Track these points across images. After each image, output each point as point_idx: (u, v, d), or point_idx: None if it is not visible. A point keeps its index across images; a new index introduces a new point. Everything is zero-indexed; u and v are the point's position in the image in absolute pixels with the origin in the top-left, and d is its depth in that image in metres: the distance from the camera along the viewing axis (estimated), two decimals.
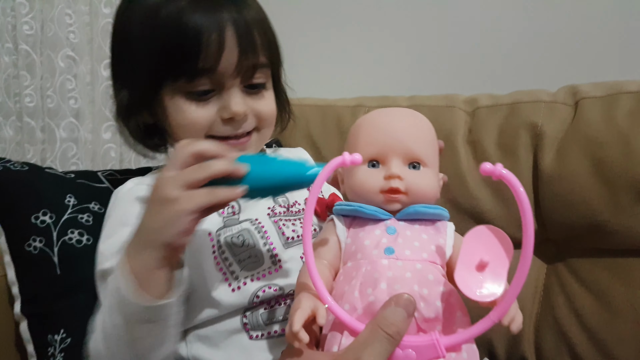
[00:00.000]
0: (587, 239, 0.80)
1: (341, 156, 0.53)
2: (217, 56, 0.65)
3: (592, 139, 0.79)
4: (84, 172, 0.84)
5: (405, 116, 0.63)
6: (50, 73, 1.17)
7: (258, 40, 0.69)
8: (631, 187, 0.75)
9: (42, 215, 0.72)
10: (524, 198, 0.47)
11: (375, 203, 0.57)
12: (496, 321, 0.47)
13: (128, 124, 0.73)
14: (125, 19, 0.72)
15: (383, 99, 1.01)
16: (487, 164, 0.49)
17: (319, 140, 1.02)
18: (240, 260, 0.66)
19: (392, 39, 1.21)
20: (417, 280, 0.51)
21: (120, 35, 0.73)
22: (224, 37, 0.65)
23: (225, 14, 0.66)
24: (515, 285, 0.46)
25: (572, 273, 0.81)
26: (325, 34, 1.29)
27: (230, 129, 0.70)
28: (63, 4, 1.17)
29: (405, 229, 0.56)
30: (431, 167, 0.59)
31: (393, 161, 0.57)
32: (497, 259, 0.48)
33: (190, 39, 0.64)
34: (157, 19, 0.66)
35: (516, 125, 0.86)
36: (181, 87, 0.67)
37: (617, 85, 0.82)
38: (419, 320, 0.50)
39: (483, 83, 1.03)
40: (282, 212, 0.72)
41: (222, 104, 0.69)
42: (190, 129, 0.69)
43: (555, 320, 0.81)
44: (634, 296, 0.75)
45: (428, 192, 0.58)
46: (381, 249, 0.54)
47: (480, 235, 0.50)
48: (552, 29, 1.06)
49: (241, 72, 0.68)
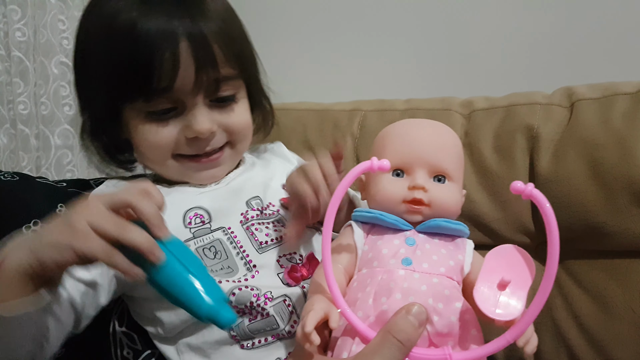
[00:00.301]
0: (584, 241, 0.80)
1: (369, 161, 0.53)
2: (172, 75, 0.61)
3: (588, 141, 0.79)
4: (77, 181, 0.84)
5: (434, 128, 0.62)
6: (43, 80, 1.16)
7: (219, 52, 0.64)
8: (628, 188, 0.75)
9: (33, 226, 0.71)
10: (552, 220, 0.47)
11: (396, 212, 0.57)
12: (511, 341, 0.47)
13: (94, 145, 0.71)
14: (84, 31, 0.68)
15: (380, 103, 1.01)
16: (519, 182, 0.48)
17: (316, 145, 1.01)
18: (212, 271, 0.64)
19: (389, 42, 1.21)
20: (433, 294, 0.51)
21: (79, 49, 0.69)
22: (178, 53, 0.61)
23: (179, 28, 0.61)
24: (534, 307, 0.46)
25: (570, 275, 0.81)
26: (321, 38, 1.28)
27: (196, 148, 0.68)
28: (56, 10, 1.16)
29: (424, 242, 0.55)
30: (456, 182, 0.58)
31: (418, 172, 0.57)
32: (518, 279, 0.48)
33: (143, 58, 0.60)
34: (110, 33, 0.62)
35: (512, 127, 0.86)
36: (140, 107, 0.64)
37: (613, 86, 0.82)
38: (432, 334, 0.49)
39: (479, 85, 1.03)
40: (256, 216, 0.70)
41: (185, 122, 0.66)
42: (154, 151, 0.68)
43: (553, 323, 0.81)
44: (632, 298, 0.75)
45: (451, 207, 0.57)
46: (399, 259, 0.53)
47: (503, 253, 0.50)
48: (547, 31, 1.06)
49: (202, 88, 0.64)
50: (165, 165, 0.70)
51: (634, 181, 0.74)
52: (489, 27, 1.11)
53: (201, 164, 0.70)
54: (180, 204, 0.68)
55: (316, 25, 1.29)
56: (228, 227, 0.68)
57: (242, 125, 0.72)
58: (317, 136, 1.01)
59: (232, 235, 0.67)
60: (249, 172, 0.78)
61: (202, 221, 0.68)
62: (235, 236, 0.67)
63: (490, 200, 0.85)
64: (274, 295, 0.62)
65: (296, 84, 1.28)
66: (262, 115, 0.80)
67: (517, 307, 0.47)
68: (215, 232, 0.67)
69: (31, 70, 1.14)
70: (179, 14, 0.62)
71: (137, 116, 0.66)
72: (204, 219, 0.68)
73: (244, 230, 0.68)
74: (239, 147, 0.73)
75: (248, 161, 0.82)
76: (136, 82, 0.62)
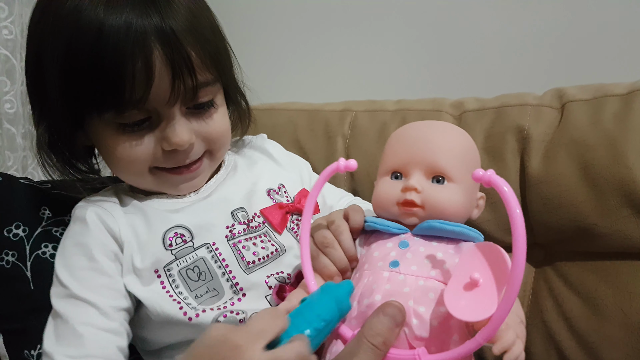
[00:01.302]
0: (575, 243, 0.80)
1: (336, 162, 0.54)
2: (147, 85, 0.56)
3: (578, 142, 0.79)
4: (62, 182, 0.80)
5: (435, 128, 0.60)
6: None
7: (194, 56, 0.59)
8: (618, 190, 0.75)
9: (15, 229, 0.69)
10: (514, 205, 0.45)
11: (392, 215, 0.56)
12: (482, 343, 0.44)
13: (50, 159, 0.66)
14: (39, 33, 0.60)
15: (371, 103, 1.01)
16: (480, 170, 0.47)
17: (306, 146, 1.00)
18: (198, 296, 0.62)
19: (380, 43, 1.21)
20: (415, 296, 0.49)
21: (33, 55, 0.62)
22: (152, 61, 0.55)
23: (149, 27, 0.55)
24: (504, 305, 0.43)
25: (560, 277, 0.81)
26: (312, 39, 1.28)
27: (175, 161, 0.64)
28: None
29: (419, 245, 0.54)
30: (459, 183, 0.55)
31: (414, 173, 0.55)
32: (492, 278, 0.45)
33: (112, 67, 0.54)
34: (72, 36, 0.55)
35: (503, 129, 0.85)
36: (110, 119, 0.59)
37: (604, 88, 0.82)
38: (410, 337, 0.48)
39: (469, 86, 1.03)
40: (242, 231, 0.67)
41: (162, 134, 0.61)
42: (129, 166, 0.63)
43: (544, 324, 0.81)
44: (622, 299, 0.75)
45: (448, 208, 0.55)
46: (387, 262, 0.53)
47: (480, 252, 0.48)
48: (538, 32, 1.06)
49: (178, 97, 0.59)
50: (141, 178, 0.66)
51: (625, 182, 0.74)
52: (480, 28, 1.11)
53: (180, 176, 0.67)
54: (158, 225, 0.65)
55: (307, 26, 1.28)
56: (212, 242, 0.65)
57: (222, 133, 0.68)
58: (307, 136, 1.01)
59: (217, 252, 0.64)
60: (231, 178, 0.75)
61: (184, 240, 0.64)
62: (220, 254, 0.64)
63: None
64: None
65: (287, 84, 1.27)
66: (238, 113, 0.76)
67: (488, 307, 0.44)
68: (199, 249, 0.64)
69: (18, 68, 1.13)
70: (147, 12, 0.56)
71: (106, 128, 0.61)
72: (185, 238, 0.65)
73: (230, 247, 0.65)
74: (217, 155, 0.70)
75: (229, 163, 0.78)
76: (106, 93, 0.56)
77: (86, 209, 0.66)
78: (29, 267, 0.69)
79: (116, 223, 0.65)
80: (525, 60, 1.07)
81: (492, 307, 0.44)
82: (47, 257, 0.70)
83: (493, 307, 0.44)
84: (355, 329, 0.49)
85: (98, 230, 0.64)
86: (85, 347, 0.56)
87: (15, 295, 0.69)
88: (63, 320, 0.59)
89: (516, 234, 0.44)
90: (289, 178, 0.78)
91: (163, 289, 0.62)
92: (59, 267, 0.63)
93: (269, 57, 1.29)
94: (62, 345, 0.57)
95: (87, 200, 0.69)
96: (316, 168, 0.96)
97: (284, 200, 0.74)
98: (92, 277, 0.61)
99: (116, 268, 0.63)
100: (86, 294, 0.60)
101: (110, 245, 0.64)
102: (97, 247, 0.63)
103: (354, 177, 0.95)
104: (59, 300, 0.61)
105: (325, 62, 1.27)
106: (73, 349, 0.56)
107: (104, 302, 0.60)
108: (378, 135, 0.95)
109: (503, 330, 0.45)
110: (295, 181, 0.79)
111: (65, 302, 0.60)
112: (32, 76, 0.64)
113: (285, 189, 0.76)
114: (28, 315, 0.68)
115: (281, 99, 1.10)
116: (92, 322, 0.58)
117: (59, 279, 0.62)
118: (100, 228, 0.64)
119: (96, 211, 0.65)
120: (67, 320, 0.58)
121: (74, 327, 0.57)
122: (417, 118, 0.93)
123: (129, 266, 0.63)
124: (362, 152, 0.95)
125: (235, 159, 0.79)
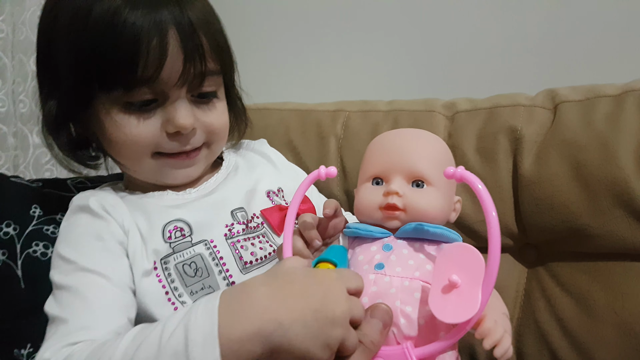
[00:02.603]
0: (567, 243, 0.80)
1: (317, 170, 0.57)
2: (159, 64, 0.58)
3: (571, 143, 0.79)
4: (53, 181, 0.81)
5: (413, 135, 0.62)
6: (22, 77, 1.14)
7: (206, 44, 0.62)
8: (610, 190, 0.75)
9: (6, 227, 0.69)
10: (487, 199, 0.48)
11: (375, 219, 0.57)
12: (467, 329, 0.47)
13: (57, 137, 0.67)
14: (52, 17, 0.63)
15: (363, 104, 1.01)
16: (451, 168, 0.51)
17: (299, 146, 1.00)
18: (193, 292, 0.61)
19: (373, 43, 1.21)
20: (401, 297, 0.50)
21: (46, 36, 0.64)
22: (166, 41, 0.58)
23: (166, 14, 0.58)
24: (485, 288, 0.46)
25: (553, 277, 0.81)
26: (305, 39, 1.28)
27: (177, 145, 0.65)
28: (35, 6, 1.13)
29: (402, 247, 0.55)
30: (437, 187, 0.57)
31: (395, 178, 0.57)
32: (469, 279, 0.47)
33: (127, 44, 0.57)
34: (88, 18, 0.58)
35: (495, 129, 0.85)
36: (117, 97, 0.61)
37: (596, 88, 0.82)
38: (398, 336, 0.50)
39: (462, 87, 1.03)
40: (241, 230, 0.68)
41: (167, 116, 0.63)
42: (132, 147, 0.63)
43: (536, 325, 0.81)
44: (614, 300, 0.75)
45: (429, 212, 0.56)
46: (372, 265, 0.54)
47: (451, 254, 0.49)
48: (530, 33, 1.06)
49: (187, 80, 0.61)
50: (141, 162, 0.66)
51: (617, 183, 0.74)
52: (472, 28, 1.11)
53: (179, 161, 0.67)
54: (158, 218, 0.65)
55: (300, 26, 1.28)
56: (210, 239, 0.65)
57: (222, 126, 0.70)
58: (300, 137, 1.00)
59: (215, 250, 0.65)
60: (232, 178, 0.75)
61: (183, 234, 0.65)
62: (218, 251, 0.64)
63: (473, 202, 0.84)
64: None
65: (279, 84, 1.27)
66: (235, 115, 0.78)
67: (470, 307, 0.46)
68: (197, 245, 0.64)
69: (9, 67, 1.12)
70: (166, 2, 0.59)
71: (113, 107, 0.62)
72: (184, 232, 0.65)
73: (228, 246, 0.65)
74: (214, 147, 0.71)
75: (230, 163, 0.79)
76: (119, 68, 0.58)
77: (88, 199, 0.65)
78: (20, 266, 0.68)
79: (119, 213, 0.64)
80: (518, 61, 1.07)
81: (474, 307, 0.46)
82: (38, 255, 0.69)
83: (476, 307, 0.45)
84: None
85: (104, 216, 0.63)
86: (97, 317, 0.54)
87: (5, 294, 0.68)
88: (71, 291, 0.56)
89: (490, 225, 0.47)
90: (287, 184, 0.79)
91: (159, 283, 0.61)
92: (62, 248, 0.61)
93: (261, 57, 1.29)
94: (74, 317, 0.54)
95: (86, 192, 0.68)
96: (309, 169, 0.96)
97: (282, 203, 0.74)
98: (102, 253, 0.60)
99: (122, 252, 0.62)
100: (96, 265, 0.58)
101: (116, 231, 0.63)
102: (105, 230, 0.62)
103: (347, 178, 0.94)
104: (64, 277, 0.58)
105: (317, 62, 1.26)
106: (85, 319, 0.54)
107: (114, 275, 0.59)
108: (371, 135, 0.94)
109: (491, 326, 0.47)
110: (293, 189, 0.79)
111: (72, 276, 0.58)
112: (44, 57, 0.66)
113: (283, 193, 0.77)
114: (18, 315, 0.68)
115: (273, 99, 1.10)
116: (103, 293, 0.57)
117: (64, 257, 0.60)
118: (106, 215, 0.64)
119: (99, 200, 0.65)
120: (77, 290, 0.56)
121: (85, 296, 0.56)
122: (409, 118, 0.93)
123: (133, 255, 0.62)
124: (355, 153, 0.94)
125: (237, 160, 0.80)
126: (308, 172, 0.90)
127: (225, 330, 0.43)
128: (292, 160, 0.94)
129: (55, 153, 0.69)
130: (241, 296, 0.46)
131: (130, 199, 0.68)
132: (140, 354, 0.44)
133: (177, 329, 0.44)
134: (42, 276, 0.66)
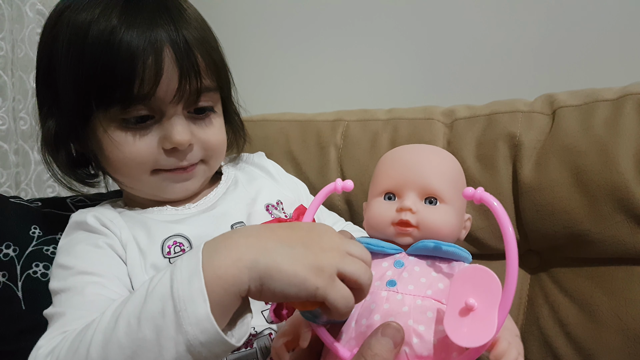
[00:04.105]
0: (569, 249, 0.80)
1: (333, 183, 0.56)
2: (155, 81, 0.59)
3: (570, 148, 0.79)
4: (52, 200, 0.81)
5: (427, 152, 0.62)
6: (22, 94, 1.14)
7: (201, 62, 0.64)
8: (610, 195, 0.75)
9: (5, 249, 0.69)
10: (505, 219, 0.47)
11: (387, 235, 0.56)
12: (482, 351, 0.46)
13: (56, 156, 0.68)
14: (52, 36, 0.64)
15: (362, 113, 1.01)
16: (470, 189, 0.50)
17: (299, 156, 1.00)
18: None
19: (371, 52, 1.21)
20: (414, 315, 0.50)
21: (46, 56, 0.66)
22: (162, 59, 0.60)
23: (162, 33, 0.60)
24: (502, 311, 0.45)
25: (556, 283, 0.81)
26: (304, 49, 1.28)
27: (175, 161, 0.65)
28: (34, 24, 1.14)
29: (414, 264, 0.54)
30: (450, 205, 0.57)
31: (408, 194, 0.56)
32: (486, 300, 0.46)
33: (123, 63, 0.58)
34: (86, 38, 0.60)
35: (494, 136, 0.85)
36: (114, 114, 0.62)
37: (594, 93, 0.82)
38: (410, 356, 0.48)
39: (460, 94, 1.03)
40: None
41: (163, 132, 0.63)
42: (130, 164, 0.64)
43: (540, 331, 0.80)
44: (618, 305, 0.74)
45: (442, 229, 0.55)
46: (384, 282, 0.53)
47: (467, 276, 0.48)
48: (528, 38, 1.06)
49: (183, 97, 0.62)
50: (140, 180, 0.67)
51: (617, 188, 0.74)
52: (470, 36, 1.11)
53: (177, 175, 0.67)
54: (157, 233, 0.65)
55: (298, 36, 1.28)
56: None
57: (219, 142, 0.70)
58: (300, 147, 1.01)
59: None
60: (231, 193, 0.75)
61: (182, 249, 0.65)
62: None
63: (474, 209, 0.84)
64: (258, 330, 0.62)
65: (278, 95, 1.27)
66: (233, 131, 0.78)
67: (487, 331, 0.45)
68: None
69: (9, 85, 1.13)
70: (161, 22, 0.60)
71: (110, 125, 0.63)
72: (184, 247, 0.65)
73: None
74: (212, 163, 0.71)
75: (229, 177, 0.79)
76: (115, 87, 0.59)
77: (86, 215, 0.66)
78: (20, 287, 0.68)
79: (117, 227, 0.65)
80: (516, 67, 1.07)
81: (491, 330, 0.45)
82: (38, 276, 0.69)
83: (492, 330, 0.45)
84: (354, 349, 0.49)
85: (102, 230, 0.64)
86: (95, 308, 0.53)
87: (6, 316, 0.68)
88: (69, 291, 0.57)
89: (509, 249, 0.46)
90: (287, 196, 0.79)
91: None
92: (60, 258, 0.62)
93: (260, 67, 1.29)
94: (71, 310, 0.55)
95: (84, 209, 0.69)
96: (309, 179, 0.96)
97: (282, 216, 0.74)
98: (101, 258, 0.61)
99: (121, 262, 0.63)
100: (94, 268, 0.59)
101: (115, 244, 0.63)
102: (103, 241, 0.63)
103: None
104: (63, 281, 0.58)
105: (316, 72, 1.27)
106: (82, 311, 0.54)
107: (113, 277, 0.59)
108: (370, 144, 0.95)
109: (506, 348, 0.47)
110: (293, 200, 0.79)
111: (70, 279, 0.58)
112: (43, 76, 0.67)
113: (282, 206, 0.77)
114: (19, 336, 0.68)
115: (273, 109, 1.10)
116: (101, 289, 0.57)
117: (62, 265, 0.60)
118: (104, 229, 0.64)
119: (97, 216, 0.66)
120: (75, 289, 0.56)
121: (83, 293, 0.56)
122: (408, 127, 0.93)
123: (131, 268, 0.62)
124: (354, 162, 0.95)
125: (236, 174, 0.80)
126: (308, 183, 0.91)
127: (209, 260, 0.43)
128: (292, 171, 0.94)
129: (54, 171, 0.69)
130: (224, 236, 0.46)
131: (130, 215, 0.68)
132: (129, 306, 0.45)
133: (164, 277, 0.44)
134: (43, 297, 0.66)
